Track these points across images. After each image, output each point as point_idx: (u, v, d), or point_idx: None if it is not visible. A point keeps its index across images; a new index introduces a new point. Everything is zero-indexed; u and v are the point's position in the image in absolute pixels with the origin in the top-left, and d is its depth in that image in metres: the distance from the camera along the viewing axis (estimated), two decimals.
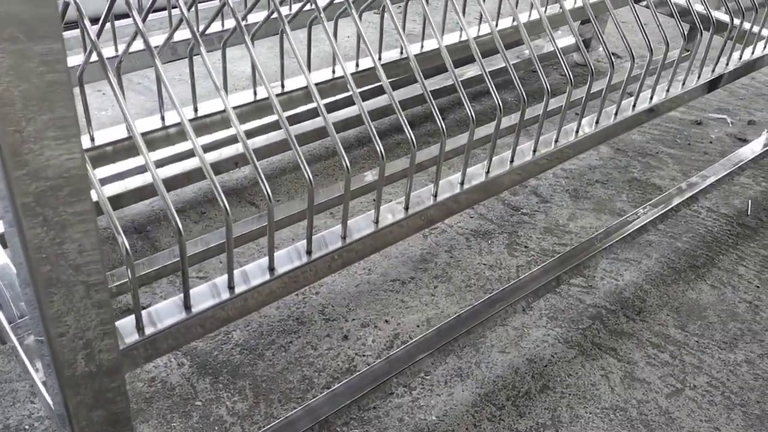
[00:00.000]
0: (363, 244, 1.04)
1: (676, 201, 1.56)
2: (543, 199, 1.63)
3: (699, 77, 1.54)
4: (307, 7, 1.44)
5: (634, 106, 1.42)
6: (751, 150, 1.76)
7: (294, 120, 1.63)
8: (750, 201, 1.67)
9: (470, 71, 1.89)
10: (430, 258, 1.43)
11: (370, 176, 1.33)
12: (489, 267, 1.42)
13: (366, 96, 1.79)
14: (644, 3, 1.91)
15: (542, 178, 1.69)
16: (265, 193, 0.89)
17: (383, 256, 1.42)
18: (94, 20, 0.94)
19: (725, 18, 1.67)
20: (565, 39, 2.19)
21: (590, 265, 1.43)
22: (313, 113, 1.60)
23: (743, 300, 1.38)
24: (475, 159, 1.72)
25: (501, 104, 1.14)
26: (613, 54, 2.32)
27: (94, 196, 0.71)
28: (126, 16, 1.83)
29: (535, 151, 1.26)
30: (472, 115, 1.12)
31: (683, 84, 1.51)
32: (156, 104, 1.86)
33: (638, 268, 1.45)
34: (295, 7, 1.66)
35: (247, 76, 1.92)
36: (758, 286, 1.41)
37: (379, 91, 1.76)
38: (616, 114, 1.39)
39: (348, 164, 0.96)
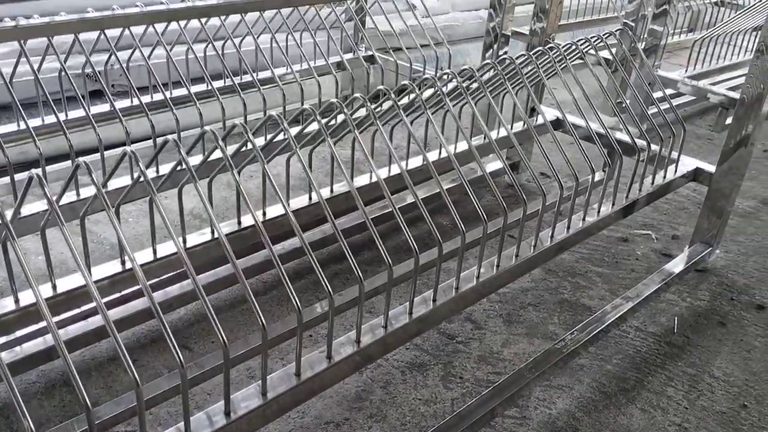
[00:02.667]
0: (285, 398, 1.04)
1: (606, 323, 1.60)
2: (477, 325, 1.66)
3: (614, 204, 1.63)
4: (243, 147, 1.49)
5: (552, 236, 1.48)
6: (675, 266, 1.83)
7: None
8: (676, 318, 1.72)
9: (407, 199, 1.95)
10: (365, 395, 1.43)
11: (291, 322, 1.34)
12: (424, 402, 1.43)
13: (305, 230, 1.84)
14: (561, 130, 2.03)
15: (476, 303, 1.72)
16: (177, 359, 0.90)
17: (318, 397, 1.41)
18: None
19: (641, 143, 1.78)
20: (494, 163, 2.29)
21: (524, 394, 1.44)
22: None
23: (673, 423, 1.40)
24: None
25: (417, 249, 1.18)
26: (541, 174, 2.43)
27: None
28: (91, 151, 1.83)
29: (457, 288, 1.30)
30: (388, 261, 1.16)
31: (598, 212, 1.59)
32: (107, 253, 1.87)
33: (570, 394, 1.46)
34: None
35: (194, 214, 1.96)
36: (687, 407, 1.44)
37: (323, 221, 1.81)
38: (534, 246, 1.45)
39: (263, 322, 0.98)
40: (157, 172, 1.65)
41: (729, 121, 2.61)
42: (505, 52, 2.49)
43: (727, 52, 3.09)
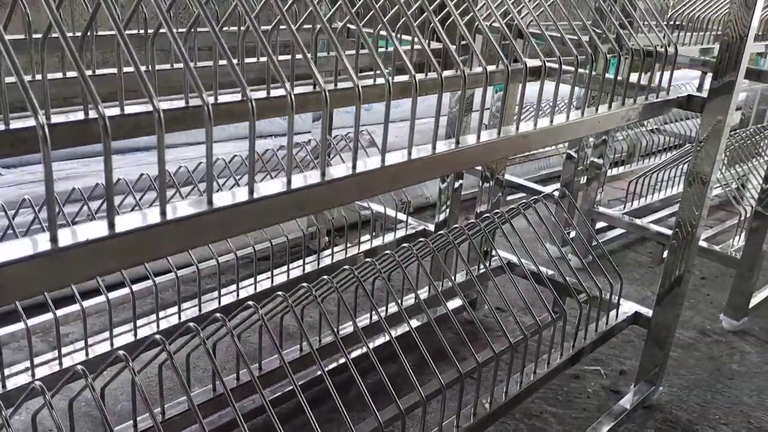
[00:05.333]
0: None
1: None
2: None
3: (561, 355, 1.77)
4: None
5: (506, 392, 1.61)
6: (623, 405, 1.96)
7: None
8: None
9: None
10: None
11: None
12: None
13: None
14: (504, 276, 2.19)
15: None
16: None
17: None
18: None
19: (580, 286, 1.94)
20: (452, 302, 2.43)
21: None
22: None
23: None
24: None
25: (381, 422, 1.29)
26: (497, 309, 2.58)
27: None
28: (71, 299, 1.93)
29: None
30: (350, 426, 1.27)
31: (548, 364, 1.73)
32: None
33: None
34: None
35: None
36: None
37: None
38: (490, 404, 1.57)
39: None
40: (135, 335, 1.75)
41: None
42: (461, 185, 2.68)
43: (666, 177, 3.34)
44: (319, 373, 1.98)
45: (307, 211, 0.94)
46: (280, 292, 1.32)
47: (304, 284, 1.35)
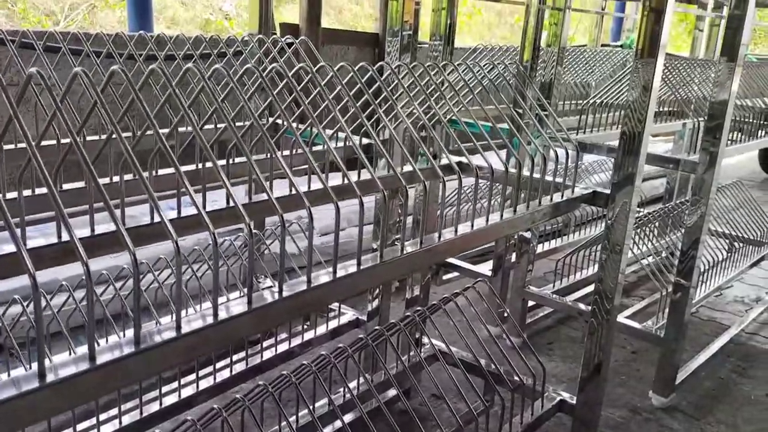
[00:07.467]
0: None
1: None
2: None
3: None
4: None
5: None
6: None
7: None
8: None
9: None
10: None
11: None
12: None
13: None
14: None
15: None
16: None
17: None
18: None
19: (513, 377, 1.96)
20: (389, 391, 2.43)
21: None
22: None
23: None
24: None
25: None
26: (432, 395, 2.59)
27: None
28: None
29: None
30: None
31: None
32: None
33: None
34: None
35: None
36: None
37: None
38: None
39: None
40: None
41: None
42: None
43: (596, 250, 3.42)
44: None
45: (196, 353, 0.95)
46: (189, 418, 1.32)
47: (215, 406, 1.35)
